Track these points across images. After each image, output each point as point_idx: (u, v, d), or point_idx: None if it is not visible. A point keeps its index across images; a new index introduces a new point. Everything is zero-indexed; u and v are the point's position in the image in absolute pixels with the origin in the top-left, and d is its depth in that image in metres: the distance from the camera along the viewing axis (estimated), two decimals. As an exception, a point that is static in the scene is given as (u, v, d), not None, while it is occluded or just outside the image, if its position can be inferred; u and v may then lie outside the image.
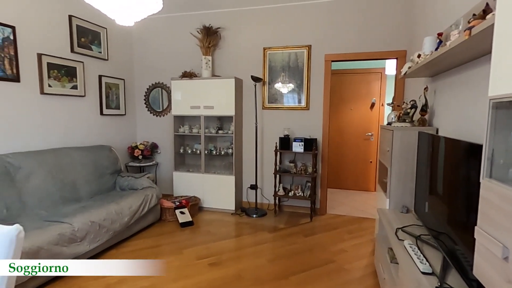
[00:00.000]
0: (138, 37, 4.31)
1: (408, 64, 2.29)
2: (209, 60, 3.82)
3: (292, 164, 3.75)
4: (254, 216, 3.72)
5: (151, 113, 4.42)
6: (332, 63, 3.67)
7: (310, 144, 3.56)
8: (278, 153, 3.75)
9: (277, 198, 3.79)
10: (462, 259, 1.27)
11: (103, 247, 2.66)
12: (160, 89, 4.34)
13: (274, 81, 3.85)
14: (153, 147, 4.31)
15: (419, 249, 1.62)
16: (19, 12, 2.77)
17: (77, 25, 3.35)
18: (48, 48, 3.06)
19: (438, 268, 1.45)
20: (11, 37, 2.69)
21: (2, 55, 2.63)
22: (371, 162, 4.91)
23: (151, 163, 4.22)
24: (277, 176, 3.77)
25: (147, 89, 4.38)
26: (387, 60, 4.29)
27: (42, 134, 3.04)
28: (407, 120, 2.36)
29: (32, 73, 2.92)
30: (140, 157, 4.12)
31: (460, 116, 1.85)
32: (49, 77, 3.06)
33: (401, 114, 2.43)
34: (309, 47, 3.67)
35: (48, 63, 3.04)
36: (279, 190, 3.78)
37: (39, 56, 2.95)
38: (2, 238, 0.86)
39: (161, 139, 4.38)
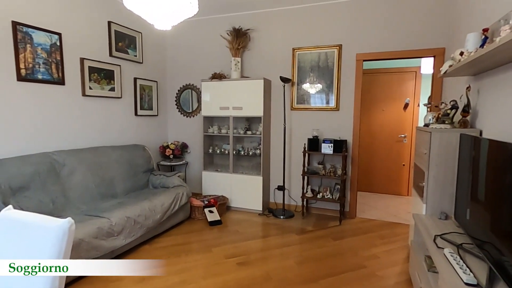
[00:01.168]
0: (170, 40, 4.47)
1: (448, 62, 2.17)
2: (238, 62, 3.87)
3: (320, 166, 3.69)
4: (282, 217, 3.70)
5: (181, 113, 4.55)
6: (364, 62, 3.57)
7: (339, 145, 3.48)
8: (307, 154, 3.70)
9: (305, 200, 3.75)
10: (511, 271, 1.18)
11: (137, 242, 2.78)
12: (190, 90, 4.46)
13: (302, 81, 3.81)
14: (183, 147, 4.44)
15: (461, 258, 1.53)
16: (64, 19, 2.97)
17: (115, 31, 3.54)
18: (89, 52, 3.25)
19: (483, 280, 1.35)
20: (58, 43, 2.89)
21: (50, 60, 2.84)
22: (403, 165, 4.71)
23: (181, 162, 4.35)
24: (305, 177, 3.72)
25: (178, 90, 4.52)
26: (423, 59, 4.10)
27: (83, 133, 3.24)
28: (446, 122, 2.24)
29: (75, 76, 3.12)
30: (171, 156, 4.26)
31: (509, 118, 1.72)
32: (89, 80, 3.25)
33: (440, 115, 2.31)
34: (340, 46, 3.59)
35: (89, 67, 3.23)
36: (307, 191, 3.73)
37: (82, 60, 3.15)
38: (56, 230, 0.93)
39: (190, 139, 4.50)
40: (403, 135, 4.68)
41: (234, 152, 3.98)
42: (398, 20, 3.34)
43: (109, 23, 3.46)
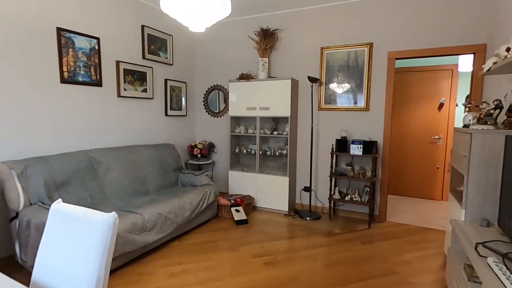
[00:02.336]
0: (199, 42, 4.57)
1: (492, 59, 2.03)
2: (266, 62, 3.87)
3: (349, 167, 3.61)
4: (308, 218, 3.66)
5: (209, 114, 4.64)
6: (396, 61, 3.44)
7: (369, 146, 3.38)
8: (335, 155, 3.63)
9: (332, 201, 3.68)
10: None
11: (167, 238, 2.87)
12: (217, 91, 4.53)
13: (331, 81, 3.75)
14: (211, 147, 4.53)
15: (507, 268, 1.43)
16: (102, 24, 3.14)
17: (148, 34, 3.68)
18: (124, 55, 3.41)
19: (534, 293, 1.25)
20: (96, 47, 3.06)
21: (89, 63, 3.01)
22: (437, 168, 4.48)
23: (208, 162, 4.43)
24: (333, 179, 3.66)
25: (206, 91, 4.61)
26: (460, 56, 3.88)
27: (117, 132, 3.40)
28: (489, 122, 2.10)
29: (111, 78, 3.28)
30: (199, 155, 4.35)
31: None
32: (124, 81, 3.41)
33: (481, 116, 2.17)
34: (371, 44, 3.49)
35: (124, 69, 3.39)
36: (334, 193, 3.66)
37: (117, 63, 3.31)
38: (102, 224, 0.99)
39: (217, 139, 4.58)
40: (437, 137, 4.46)
41: (260, 152, 3.99)
42: (435, 15, 3.19)
43: (143, 27, 3.61)
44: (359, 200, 3.54)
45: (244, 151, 4.19)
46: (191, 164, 4.38)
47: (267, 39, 3.87)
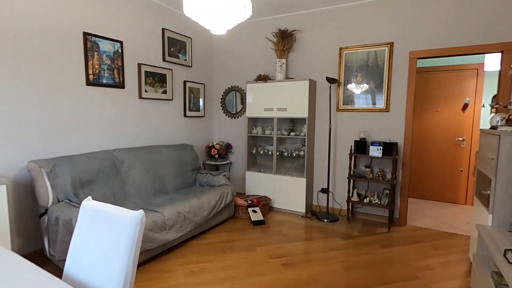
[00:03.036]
0: (217, 44, 4.63)
1: (522, 58, 1.95)
2: (283, 63, 3.87)
3: (368, 169, 3.54)
4: (325, 220, 3.62)
5: (226, 115, 4.69)
6: (418, 60, 3.35)
7: (389, 148, 3.31)
8: (353, 157, 3.58)
9: (350, 204, 3.63)
10: None
11: (186, 236, 2.92)
12: (235, 92, 4.57)
13: (349, 82, 3.70)
14: (228, 147, 4.57)
15: (540, 277, 1.36)
16: (125, 28, 3.24)
17: (168, 37, 3.77)
18: (146, 58, 3.51)
19: None
20: (120, 50, 3.17)
21: (113, 66, 3.12)
22: (461, 170, 4.32)
23: (225, 162, 4.47)
24: (351, 181, 3.60)
25: (224, 92, 4.67)
26: (487, 54, 3.73)
27: (138, 133, 3.50)
28: (519, 124, 2.01)
29: (133, 80, 3.38)
30: (216, 156, 4.40)
31: None
32: (145, 83, 3.51)
33: (510, 117, 2.08)
34: (391, 44, 3.42)
35: (145, 71, 3.48)
36: (353, 195, 3.61)
37: (139, 65, 3.41)
38: (130, 221, 1.02)
39: (234, 140, 4.62)
40: (461, 138, 4.30)
41: (277, 153, 3.99)
42: (459, 12, 3.08)
43: (163, 30, 3.70)
44: (379, 202, 3.47)
45: (261, 152, 4.20)
46: (209, 164, 4.44)
47: (284, 40, 3.87)
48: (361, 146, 3.49)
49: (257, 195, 4.03)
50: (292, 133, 3.94)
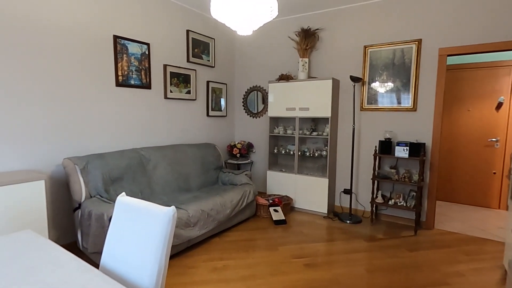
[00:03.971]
0: (239, 44, 4.67)
1: None
2: (306, 62, 3.85)
3: (393, 170, 3.45)
4: (348, 222, 3.57)
5: (247, 114, 4.72)
6: (448, 57, 3.21)
7: (417, 149, 3.21)
8: (377, 157, 3.50)
9: (374, 205, 3.55)
10: None
11: (209, 234, 2.98)
12: (256, 92, 4.60)
13: (374, 80, 3.61)
14: (249, 147, 4.61)
15: None
16: (152, 30, 3.35)
17: (192, 38, 3.85)
18: (171, 59, 3.61)
19: None
20: (147, 52, 3.28)
21: (140, 67, 3.23)
22: (494, 173, 4.10)
23: (246, 161, 4.51)
24: (376, 182, 3.52)
25: (245, 92, 4.70)
26: (524, 50, 3.51)
27: (163, 132, 3.61)
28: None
29: (159, 81, 3.49)
30: (238, 155, 4.45)
31: None
32: (170, 84, 3.61)
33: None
34: (419, 41, 3.30)
35: (171, 72, 3.58)
36: (377, 197, 3.52)
37: (165, 66, 3.51)
38: (163, 217, 1.07)
39: (256, 139, 4.64)
40: (494, 139, 4.08)
41: (299, 153, 3.98)
42: (492, 6, 2.93)
43: (188, 31, 3.78)
44: (404, 205, 3.37)
45: (283, 152, 4.19)
46: (230, 163, 4.50)
47: (307, 39, 3.85)
48: (386, 147, 3.40)
49: (278, 194, 4.03)
50: (314, 133, 3.90)
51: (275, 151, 4.26)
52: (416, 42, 3.32)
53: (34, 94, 2.44)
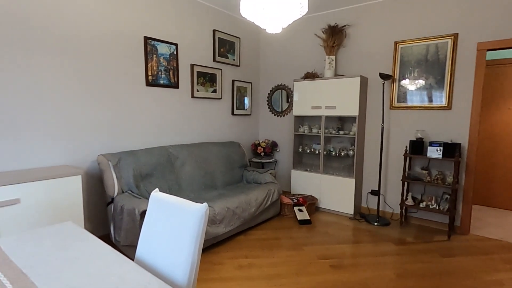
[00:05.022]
0: (264, 43, 4.67)
1: None
2: (333, 60, 3.77)
3: (425, 172, 3.30)
4: (376, 224, 3.46)
5: (272, 113, 4.71)
6: (487, 52, 3.02)
7: (451, 149, 3.04)
8: (408, 158, 3.36)
9: (404, 207, 3.41)
10: None
11: (234, 231, 3.01)
12: (281, 90, 4.57)
13: (405, 77, 3.47)
14: (273, 145, 4.59)
15: None
16: (180, 31, 3.43)
17: (218, 38, 3.90)
18: (198, 59, 3.67)
19: None
20: (175, 52, 3.36)
21: (169, 67, 3.32)
22: (538, 176, 3.80)
23: (270, 160, 4.50)
24: (406, 183, 3.39)
25: (270, 90, 4.69)
26: None
27: (190, 130, 3.69)
28: None
29: (186, 80, 3.57)
30: (262, 154, 4.45)
31: None
32: (197, 83, 3.67)
33: None
34: (455, 35, 3.12)
35: (197, 72, 3.65)
36: (407, 199, 3.39)
37: (192, 66, 3.58)
38: (196, 213, 1.09)
39: (280, 138, 4.62)
40: (538, 140, 3.78)
41: (324, 152, 3.91)
42: (541, -3, 2.71)
43: (214, 31, 3.83)
44: (437, 208, 3.21)
45: (307, 151, 4.14)
46: (254, 162, 4.51)
47: (334, 36, 3.77)
48: (417, 147, 3.26)
49: (302, 194, 3.99)
50: (340, 132, 3.82)
51: (300, 150, 4.22)
52: (452, 37, 3.14)
53: (74, 95, 2.58)
